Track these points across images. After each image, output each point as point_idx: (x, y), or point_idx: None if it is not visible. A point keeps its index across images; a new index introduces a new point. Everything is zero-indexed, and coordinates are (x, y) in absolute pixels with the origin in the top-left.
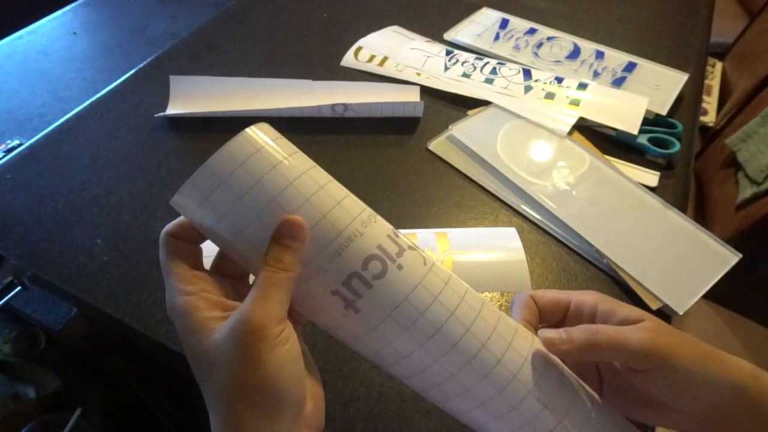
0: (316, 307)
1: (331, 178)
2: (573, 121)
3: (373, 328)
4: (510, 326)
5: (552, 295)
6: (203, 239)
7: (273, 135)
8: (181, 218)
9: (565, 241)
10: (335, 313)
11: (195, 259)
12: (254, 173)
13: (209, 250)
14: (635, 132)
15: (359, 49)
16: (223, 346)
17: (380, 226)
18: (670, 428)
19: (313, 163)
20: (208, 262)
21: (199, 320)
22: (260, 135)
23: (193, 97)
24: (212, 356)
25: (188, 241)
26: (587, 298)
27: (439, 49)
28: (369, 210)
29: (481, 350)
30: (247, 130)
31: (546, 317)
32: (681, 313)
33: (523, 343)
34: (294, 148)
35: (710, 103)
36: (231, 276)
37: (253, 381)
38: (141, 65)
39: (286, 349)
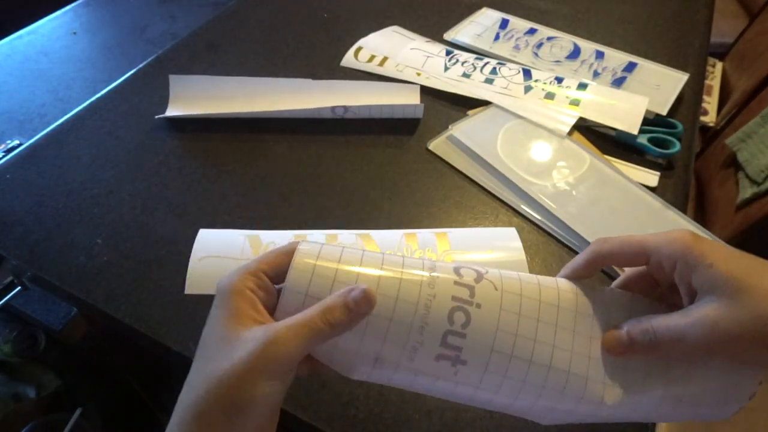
0: (429, 381)
1: (381, 254)
2: (573, 121)
3: (485, 370)
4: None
5: (624, 249)
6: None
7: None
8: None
9: (565, 241)
10: (448, 376)
11: (278, 273)
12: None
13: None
14: (635, 132)
15: (359, 49)
16: (241, 347)
17: (444, 277)
18: None
19: (360, 252)
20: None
21: (239, 309)
22: (309, 256)
23: (192, 96)
24: (229, 345)
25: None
26: (664, 250)
27: (439, 49)
28: (427, 262)
29: (555, 344)
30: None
31: (625, 265)
32: None
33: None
34: (336, 251)
35: (710, 103)
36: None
37: (239, 392)
38: (141, 65)
39: (277, 389)
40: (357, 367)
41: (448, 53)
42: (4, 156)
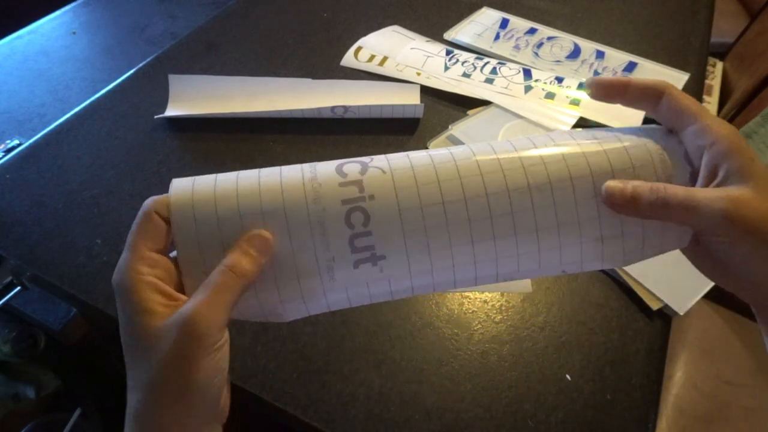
0: (363, 290)
1: (257, 175)
2: (573, 121)
3: (407, 253)
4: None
5: (673, 105)
6: None
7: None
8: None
9: None
10: (376, 276)
11: (164, 240)
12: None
13: None
14: None
15: (359, 49)
16: (164, 340)
17: (327, 184)
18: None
19: (235, 179)
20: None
21: (144, 303)
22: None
23: (192, 96)
24: (149, 344)
25: (166, 221)
26: (714, 130)
27: (439, 48)
28: (306, 175)
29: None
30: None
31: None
32: (682, 313)
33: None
34: (210, 185)
35: (711, 103)
36: None
37: (183, 381)
38: (141, 65)
39: (219, 356)
40: (288, 310)
41: (448, 53)
42: (3, 156)
